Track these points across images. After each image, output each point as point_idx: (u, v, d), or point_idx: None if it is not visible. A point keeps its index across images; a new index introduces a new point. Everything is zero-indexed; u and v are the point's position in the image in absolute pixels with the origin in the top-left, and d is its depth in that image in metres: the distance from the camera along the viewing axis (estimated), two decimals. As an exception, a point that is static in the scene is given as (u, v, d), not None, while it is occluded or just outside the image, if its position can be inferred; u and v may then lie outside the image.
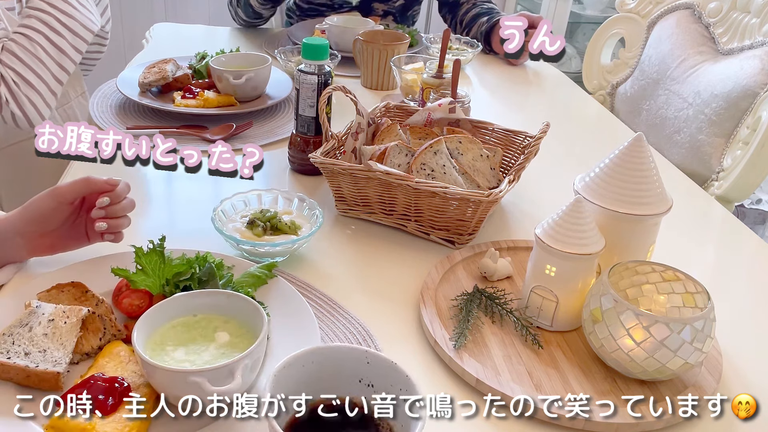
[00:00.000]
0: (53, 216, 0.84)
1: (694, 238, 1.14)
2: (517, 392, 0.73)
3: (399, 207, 1.02)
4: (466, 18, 1.95)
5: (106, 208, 0.85)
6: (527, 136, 1.16)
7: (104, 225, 0.85)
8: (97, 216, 0.85)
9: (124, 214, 0.88)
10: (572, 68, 3.23)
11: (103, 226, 0.85)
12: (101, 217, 0.85)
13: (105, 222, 0.85)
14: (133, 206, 0.89)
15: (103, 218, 0.85)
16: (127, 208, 0.87)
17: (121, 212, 0.87)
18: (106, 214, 0.86)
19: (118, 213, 0.86)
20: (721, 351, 0.83)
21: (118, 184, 0.85)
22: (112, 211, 0.86)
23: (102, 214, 0.85)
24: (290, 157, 1.21)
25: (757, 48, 1.49)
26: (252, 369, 0.69)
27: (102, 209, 0.85)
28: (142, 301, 0.80)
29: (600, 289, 0.77)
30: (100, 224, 0.85)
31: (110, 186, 0.85)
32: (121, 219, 0.87)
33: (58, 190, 0.84)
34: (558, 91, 1.76)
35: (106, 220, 0.85)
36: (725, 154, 1.47)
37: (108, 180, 0.85)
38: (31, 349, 0.72)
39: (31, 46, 1.12)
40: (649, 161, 0.84)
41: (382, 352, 0.79)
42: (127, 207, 0.87)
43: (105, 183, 0.85)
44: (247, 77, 1.38)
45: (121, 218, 0.87)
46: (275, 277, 0.86)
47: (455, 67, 1.24)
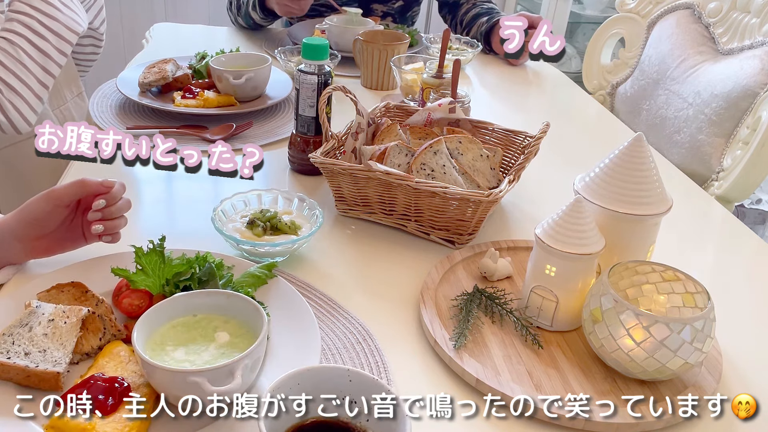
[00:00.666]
0: (49, 219, 0.84)
1: (694, 238, 1.14)
2: (517, 392, 0.73)
3: (399, 207, 1.02)
4: (466, 18, 1.95)
5: (103, 210, 0.85)
6: (527, 136, 1.16)
7: (101, 227, 0.85)
8: (93, 218, 0.85)
9: (121, 215, 0.87)
10: (572, 68, 3.23)
11: (100, 229, 0.85)
12: (98, 219, 0.85)
13: (101, 224, 0.85)
14: (129, 206, 0.88)
15: (99, 220, 0.85)
16: (123, 209, 0.87)
17: (117, 213, 0.87)
18: (103, 216, 0.85)
19: (114, 214, 0.86)
20: (721, 351, 0.83)
21: (114, 186, 0.85)
22: (109, 213, 0.86)
23: (98, 216, 0.85)
24: (290, 157, 1.21)
25: (757, 48, 1.49)
26: (252, 369, 0.69)
27: (98, 211, 0.85)
28: (142, 301, 0.80)
29: (600, 289, 0.77)
30: (97, 227, 0.85)
31: (105, 188, 0.85)
32: (118, 220, 0.87)
33: (53, 193, 0.84)
34: (558, 91, 1.76)
35: (103, 222, 0.85)
36: (725, 154, 1.47)
37: (103, 182, 0.85)
38: (31, 349, 0.72)
39: (14, 50, 1.10)
40: (649, 161, 0.84)
41: (382, 351, 0.79)
42: (123, 208, 0.87)
43: (100, 185, 0.84)
44: (247, 77, 1.38)
45: (117, 219, 0.87)
46: (275, 277, 0.86)
47: (455, 67, 1.24)
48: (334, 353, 0.79)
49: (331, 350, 0.79)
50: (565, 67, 3.21)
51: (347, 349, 0.80)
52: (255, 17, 1.85)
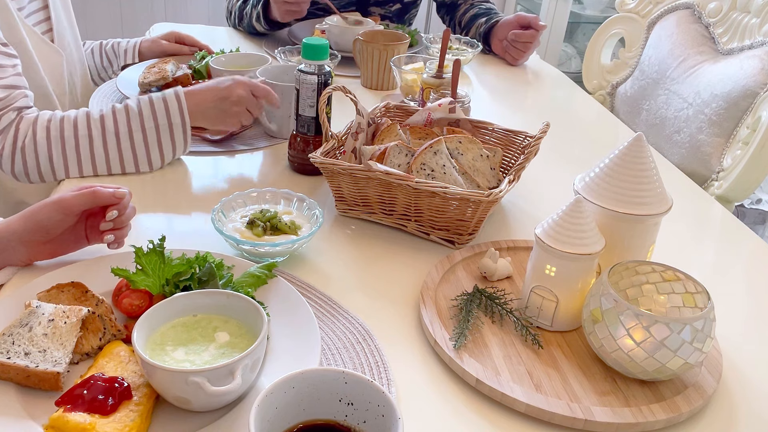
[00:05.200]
0: (57, 227, 0.85)
1: (694, 238, 1.14)
2: (517, 392, 0.73)
3: (399, 207, 1.02)
4: (464, 19, 1.95)
5: (114, 220, 0.87)
6: (527, 136, 1.16)
7: (112, 237, 0.87)
8: (105, 229, 0.87)
9: (129, 223, 0.90)
10: (572, 68, 3.23)
11: (112, 239, 0.87)
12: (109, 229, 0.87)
13: (112, 233, 0.87)
14: (134, 214, 0.91)
15: (110, 230, 0.87)
16: (130, 217, 0.90)
17: (127, 222, 0.89)
18: (114, 225, 0.87)
19: (123, 223, 0.88)
20: (721, 351, 0.83)
21: (125, 197, 0.86)
22: (119, 222, 0.88)
23: (111, 226, 0.87)
24: (290, 157, 1.21)
25: (757, 48, 1.49)
26: (252, 369, 0.69)
27: (110, 222, 0.87)
28: (142, 301, 0.80)
29: (600, 289, 0.77)
30: (109, 237, 0.87)
31: (117, 199, 0.86)
32: (126, 228, 0.90)
33: (64, 202, 0.84)
34: (558, 91, 1.76)
35: (114, 231, 0.88)
36: (725, 154, 1.47)
37: (114, 193, 0.86)
38: (31, 349, 0.72)
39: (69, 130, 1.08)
40: (649, 161, 0.84)
41: (382, 351, 0.79)
42: (130, 216, 0.90)
43: (112, 196, 0.86)
44: (247, 77, 1.38)
45: (125, 227, 0.90)
46: (275, 277, 0.86)
47: (455, 67, 1.24)
48: (334, 353, 0.79)
49: (331, 350, 0.79)
50: (565, 67, 3.21)
51: (347, 349, 0.80)
52: (259, 29, 1.85)
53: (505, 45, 1.83)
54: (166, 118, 1.13)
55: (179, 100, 1.13)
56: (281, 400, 0.59)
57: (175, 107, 1.13)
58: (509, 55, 1.84)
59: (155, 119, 1.12)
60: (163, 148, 1.14)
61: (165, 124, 1.13)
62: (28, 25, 1.24)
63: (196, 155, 1.24)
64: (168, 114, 1.13)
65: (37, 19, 1.30)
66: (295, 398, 0.60)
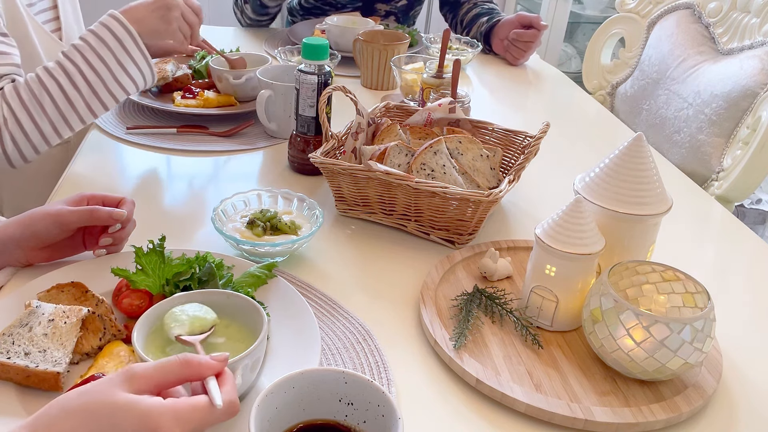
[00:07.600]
0: (53, 238, 0.86)
1: (694, 238, 1.14)
2: (517, 392, 0.73)
3: (399, 207, 1.02)
4: (466, 18, 1.96)
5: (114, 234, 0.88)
6: (527, 136, 1.16)
7: (104, 252, 0.89)
8: (105, 244, 0.88)
9: (128, 235, 0.90)
10: (572, 68, 3.23)
11: (103, 253, 0.89)
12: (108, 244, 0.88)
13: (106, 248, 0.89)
14: (134, 228, 0.91)
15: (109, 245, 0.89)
16: (130, 232, 0.90)
17: (125, 236, 0.90)
18: (113, 240, 0.88)
19: (123, 236, 0.89)
20: (721, 351, 0.83)
21: (122, 217, 0.86)
22: (118, 237, 0.88)
23: (110, 242, 0.88)
24: (290, 157, 1.21)
25: (757, 48, 1.49)
26: (252, 369, 0.69)
27: (110, 236, 0.87)
28: (142, 301, 0.80)
29: (600, 289, 0.77)
30: (100, 251, 0.88)
31: (114, 220, 0.86)
32: (122, 243, 0.90)
33: (62, 218, 0.84)
34: (558, 91, 1.76)
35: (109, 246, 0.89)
36: (725, 154, 1.47)
37: (112, 213, 0.85)
38: (31, 349, 0.72)
39: (39, 90, 1.07)
40: (649, 161, 0.84)
41: (382, 351, 0.79)
42: (130, 231, 0.90)
43: (109, 217, 0.85)
44: (247, 77, 1.38)
45: (122, 242, 0.90)
46: (275, 277, 0.86)
47: (455, 67, 1.24)
48: (334, 353, 0.79)
49: (331, 350, 0.79)
50: (565, 67, 3.21)
51: (347, 348, 0.80)
52: None
53: (506, 44, 1.83)
54: (114, 39, 1.12)
55: (117, 18, 1.13)
56: (281, 400, 0.59)
57: (116, 25, 1.12)
58: (510, 54, 1.84)
59: (105, 44, 1.11)
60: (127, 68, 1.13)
61: (117, 45, 1.12)
62: (36, 22, 1.25)
63: (196, 155, 1.24)
64: (114, 34, 1.12)
65: (46, 17, 1.31)
66: (295, 398, 0.60)
